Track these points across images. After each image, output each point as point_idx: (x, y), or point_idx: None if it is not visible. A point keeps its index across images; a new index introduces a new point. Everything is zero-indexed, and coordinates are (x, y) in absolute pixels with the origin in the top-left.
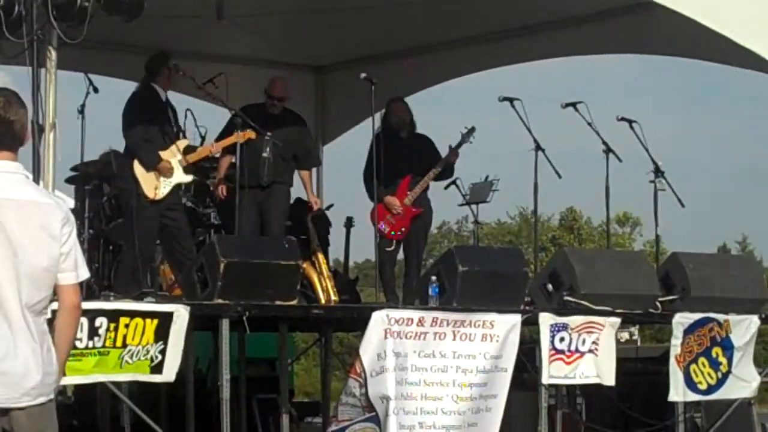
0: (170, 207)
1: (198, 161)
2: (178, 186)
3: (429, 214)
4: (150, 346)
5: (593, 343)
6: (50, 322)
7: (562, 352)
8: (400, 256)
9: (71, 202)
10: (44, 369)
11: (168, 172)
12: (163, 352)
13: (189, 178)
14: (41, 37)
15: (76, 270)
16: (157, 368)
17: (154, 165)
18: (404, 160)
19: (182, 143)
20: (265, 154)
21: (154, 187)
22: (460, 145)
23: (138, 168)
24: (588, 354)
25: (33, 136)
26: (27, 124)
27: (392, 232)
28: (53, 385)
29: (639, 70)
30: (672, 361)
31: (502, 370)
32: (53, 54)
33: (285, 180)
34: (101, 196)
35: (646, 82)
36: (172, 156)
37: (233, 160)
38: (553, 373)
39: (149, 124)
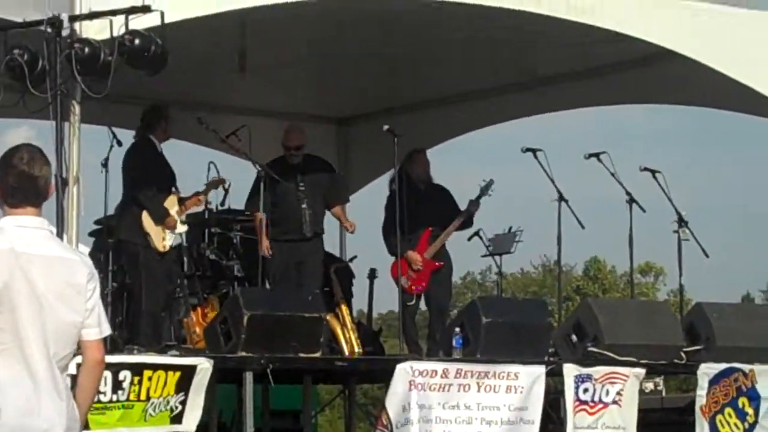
0: (173, 259)
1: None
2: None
3: (449, 267)
4: (171, 398)
5: (617, 393)
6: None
7: (585, 402)
8: (424, 306)
9: (86, 250)
10: (68, 424)
11: (174, 225)
12: (183, 402)
13: (186, 228)
14: (65, 91)
15: (99, 326)
16: (177, 418)
17: (163, 218)
18: (424, 212)
19: (175, 195)
20: (304, 206)
21: (162, 239)
22: (479, 197)
23: (147, 221)
24: (612, 405)
25: (57, 190)
26: (51, 180)
27: (413, 287)
28: None
29: (662, 119)
30: (697, 411)
31: (529, 422)
32: (77, 108)
33: (322, 230)
34: None
35: (669, 132)
36: (171, 207)
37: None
38: (578, 423)
39: (152, 177)
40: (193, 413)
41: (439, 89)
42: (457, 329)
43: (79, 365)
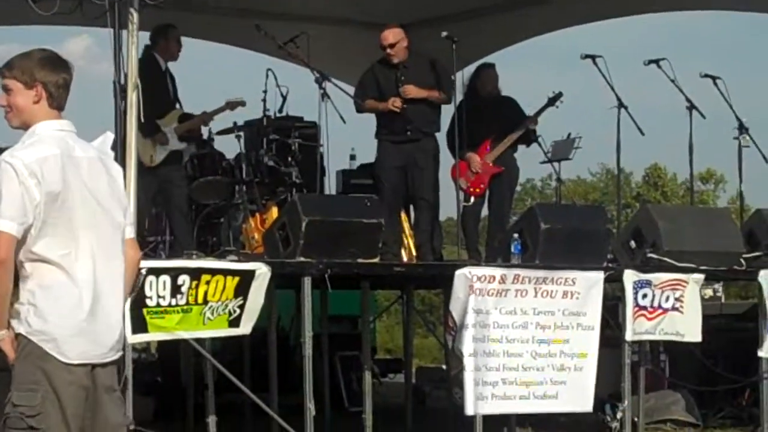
0: (168, 174)
1: (191, 131)
2: (174, 153)
3: (514, 173)
4: (229, 302)
5: (677, 299)
6: None
7: (644, 308)
8: (485, 212)
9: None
10: (122, 326)
11: (165, 140)
12: (242, 307)
13: (183, 145)
14: None
15: (133, 225)
16: (235, 322)
17: (152, 133)
18: (488, 122)
19: (177, 112)
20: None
21: (150, 154)
22: (541, 111)
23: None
24: (672, 311)
25: (115, 96)
26: None
27: (471, 188)
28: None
29: (723, 26)
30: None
31: (589, 328)
32: (135, 15)
33: (433, 129)
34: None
35: (729, 39)
36: (168, 124)
37: None
38: (637, 329)
39: (147, 93)
40: (251, 317)
41: None
42: (516, 235)
43: None
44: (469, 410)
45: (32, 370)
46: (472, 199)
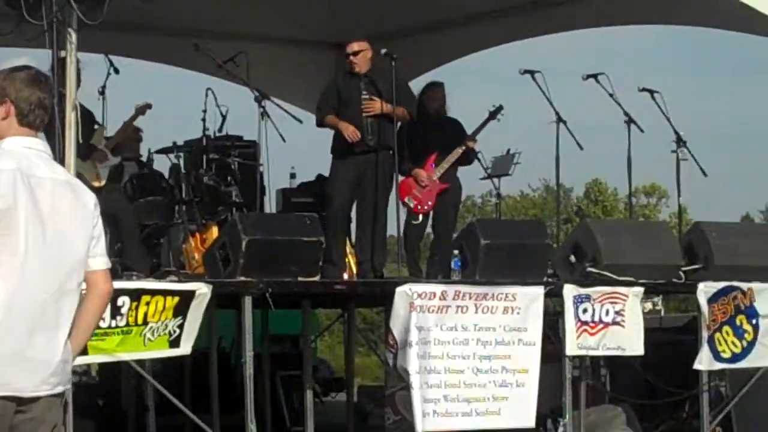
0: (110, 191)
1: (120, 143)
2: (114, 169)
3: (458, 191)
4: (168, 321)
5: (617, 313)
6: None
7: (586, 323)
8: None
9: None
10: (63, 358)
11: (104, 158)
12: (181, 326)
13: (117, 159)
14: (60, 18)
15: (105, 255)
16: (175, 342)
17: (89, 154)
18: (432, 139)
19: (101, 129)
20: (364, 115)
21: (96, 175)
22: (483, 125)
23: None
24: (613, 325)
25: (54, 117)
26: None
27: (418, 206)
28: (69, 375)
29: (657, 40)
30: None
31: (530, 343)
32: (73, 35)
33: (390, 143)
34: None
35: (665, 53)
36: (99, 142)
37: None
38: (580, 344)
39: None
40: (190, 337)
41: (436, 13)
42: (456, 251)
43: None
44: (418, 428)
45: None
46: (420, 217)
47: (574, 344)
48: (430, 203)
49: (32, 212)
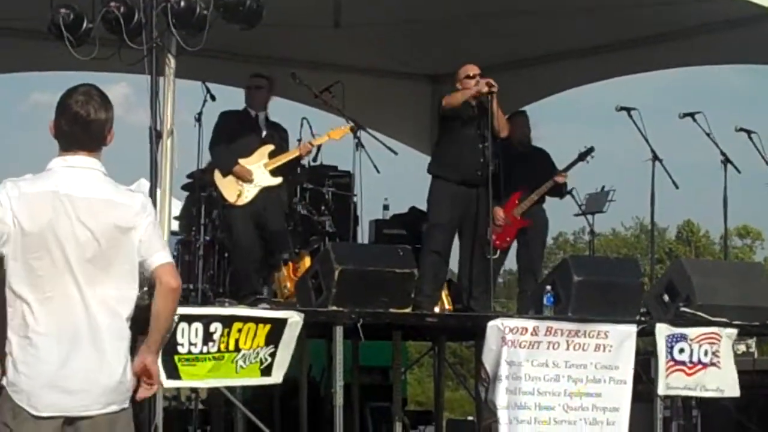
0: (263, 209)
1: (284, 164)
2: (268, 189)
3: (543, 226)
4: (260, 350)
5: (713, 354)
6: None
7: (683, 363)
8: (509, 266)
9: (178, 204)
10: (109, 381)
11: (247, 176)
12: (273, 355)
13: (277, 180)
14: (160, 44)
15: (164, 249)
16: (267, 370)
17: (229, 169)
18: (519, 173)
19: (267, 148)
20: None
21: (237, 192)
22: (571, 166)
23: (217, 175)
24: (711, 366)
25: (151, 143)
26: (108, 125)
27: (497, 242)
28: (128, 393)
29: (756, 79)
30: None
31: (621, 382)
32: (172, 61)
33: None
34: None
35: (763, 93)
36: (257, 161)
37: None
38: (672, 384)
39: (232, 135)
40: (282, 366)
41: (533, 48)
42: (548, 287)
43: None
44: None
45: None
46: (498, 252)
47: (665, 384)
48: (508, 240)
49: (70, 232)
